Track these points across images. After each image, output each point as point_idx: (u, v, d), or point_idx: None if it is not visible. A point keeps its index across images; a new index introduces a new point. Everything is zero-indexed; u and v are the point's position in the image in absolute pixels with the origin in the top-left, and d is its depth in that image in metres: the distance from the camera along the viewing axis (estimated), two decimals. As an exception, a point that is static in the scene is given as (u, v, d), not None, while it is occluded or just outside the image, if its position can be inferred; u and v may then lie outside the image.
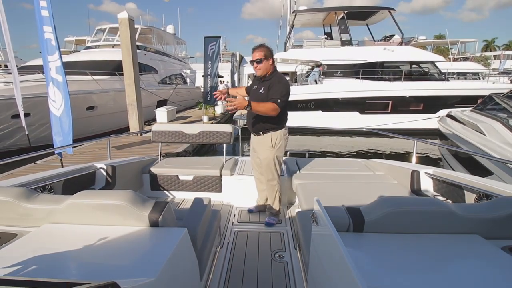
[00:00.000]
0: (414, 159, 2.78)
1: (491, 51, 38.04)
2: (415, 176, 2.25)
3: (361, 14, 12.20)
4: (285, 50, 13.02)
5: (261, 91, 2.17)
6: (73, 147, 6.43)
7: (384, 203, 1.15)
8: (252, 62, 2.18)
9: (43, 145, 4.97)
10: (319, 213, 1.09)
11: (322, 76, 11.15)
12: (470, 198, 1.85)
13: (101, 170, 2.43)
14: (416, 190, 2.21)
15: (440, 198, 2.09)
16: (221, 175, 2.85)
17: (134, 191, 1.20)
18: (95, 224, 1.20)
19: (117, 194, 1.17)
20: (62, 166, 4.83)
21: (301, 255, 1.81)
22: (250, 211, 2.61)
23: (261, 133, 2.25)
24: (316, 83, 11.07)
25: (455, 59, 19.22)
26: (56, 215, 1.23)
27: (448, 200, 2.03)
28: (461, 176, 1.95)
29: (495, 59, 29.82)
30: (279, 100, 2.05)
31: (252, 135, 2.38)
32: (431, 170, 2.23)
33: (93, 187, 2.35)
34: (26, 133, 5.71)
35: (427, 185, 2.22)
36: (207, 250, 1.48)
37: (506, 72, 17.72)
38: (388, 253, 1.05)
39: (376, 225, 1.13)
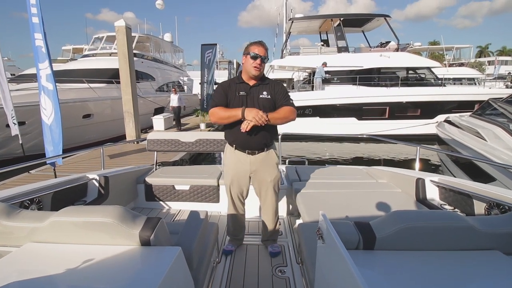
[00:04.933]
0: (417, 166, 2.71)
1: (485, 56, 38.69)
2: (420, 184, 2.17)
3: (357, 21, 12.36)
4: (282, 57, 13.10)
5: (263, 95, 1.82)
6: (65, 157, 6.32)
7: (397, 217, 1.07)
8: (255, 56, 1.74)
9: (38, 154, 4.87)
10: (325, 229, 1.00)
11: (327, 75, 11.10)
12: (479, 207, 1.77)
13: (94, 181, 2.33)
14: (422, 199, 2.13)
15: (447, 207, 2.01)
16: (218, 185, 2.75)
17: (123, 207, 1.11)
18: (81, 243, 1.11)
19: (104, 210, 1.08)
20: (56, 177, 4.72)
21: (303, 271, 1.71)
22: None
23: (265, 149, 1.89)
24: (324, 81, 11.00)
25: (450, 65, 19.44)
26: (38, 233, 1.13)
27: (456, 210, 1.95)
28: (469, 184, 1.88)
29: (489, 64, 30.30)
30: (291, 101, 1.84)
31: (246, 155, 1.88)
32: (437, 177, 2.16)
33: (84, 199, 2.25)
34: (20, 142, 5.61)
35: (433, 193, 2.14)
36: (203, 267, 1.38)
37: (501, 77, 17.94)
38: (402, 273, 0.96)
39: (389, 242, 1.05)
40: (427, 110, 10.51)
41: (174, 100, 10.38)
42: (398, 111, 10.64)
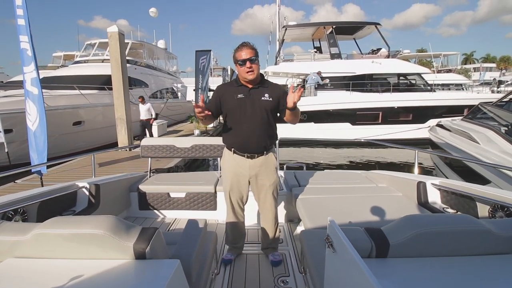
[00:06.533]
0: (416, 169, 2.69)
1: (470, 63, 40.06)
2: (421, 188, 2.13)
3: (349, 29, 12.61)
4: (276, 64, 13.22)
5: (265, 98, 1.76)
6: (52, 165, 6.09)
7: (412, 222, 1.01)
8: (243, 61, 1.67)
9: (27, 163, 4.66)
10: (336, 236, 0.94)
11: (325, 80, 11.22)
12: (483, 210, 1.74)
13: (84, 189, 2.21)
14: (423, 203, 2.10)
15: (450, 210, 1.98)
16: (215, 192, 2.67)
17: (115, 217, 1.02)
18: (69, 257, 1.01)
19: (95, 220, 0.99)
20: (42, 186, 4.53)
21: (308, 280, 1.63)
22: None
23: (264, 153, 1.84)
24: (317, 86, 11.07)
25: (438, 71, 19.98)
26: (21, 247, 1.03)
27: (459, 213, 1.92)
28: (472, 187, 1.85)
29: (474, 71, 31.36)
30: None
31: (245, 159, 1.81)
32: (438, 180, 2.13)
33: (73, 209, 2.13)
34: (6, 150, 5.40)
35: (434, 197, 2.11)
36: (203, 280, 1.29)
37: (486, 83, 18.53)
38: (419, 282, 0.91)
39: (403, 248, 0.99)
40: (419, 115, 10.70)
41: (142, 111, 8.32)
42: (391, 116, 10.80)
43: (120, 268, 0.95)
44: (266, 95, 1.77)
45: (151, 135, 8.87)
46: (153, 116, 8.79)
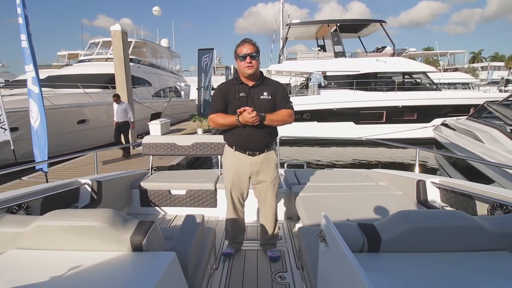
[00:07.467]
0: (417, 168, 2.68)
1: (478, 62, 39.45)
2: (421, 186, 2.13)
3: (353, 27, 12.50)
4: (279, 62, 13.18)
5: (264, 96, 1.79)
6: (54, 162, 6.16)
7: (403, 218, 1.02)
8: (244, 56, 1.70)
9: (32, 160, 4.75)
10: (328, 231, 0.94)
11: (325, 81, 11.18)
12: (482, 208, 1.73)
13: (86, 186, 2.25)
14: (423, 201, 2.09)
15: (449, 209, 1.97)
16: (216, 189, 2.69)
17: (113, 210, 1.05)
18: (68, 249, 1.04)
19: (93, 214, 1.02)
20: (47, 182, 4.59)
21: (304, 276, 1.64)
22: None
23: (265, 150, 1.86)
24: (321, 86, 11.04)
25: (445, 70, 19.73)
26: (22, 239, 1.06)
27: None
28: (471, 185, 1.84)
29: (482, 70, 30.90)
30: (291, 104, 1.84)
31: (246, 156, 1.84)
32: (438, 179, 2.12)
33: (76, 205, 2.17)
34: (12, 148, 5.50)
35: (434, 195, 2.10)
36: (200, 274, 1.31)
37: (494, 82, 18.25)
38: (410, 276, 0.91)
39: (395, 243, 0.99)
40: (424, 114, 10.58)
41: (118, 112, 6.62)
42: (395, 115, 10.70)
43: (117, 259, 0.98)
44: (265, 93, 1.79)
45: (127, 141, 7.03)
46: (131, 120, 6.75)
